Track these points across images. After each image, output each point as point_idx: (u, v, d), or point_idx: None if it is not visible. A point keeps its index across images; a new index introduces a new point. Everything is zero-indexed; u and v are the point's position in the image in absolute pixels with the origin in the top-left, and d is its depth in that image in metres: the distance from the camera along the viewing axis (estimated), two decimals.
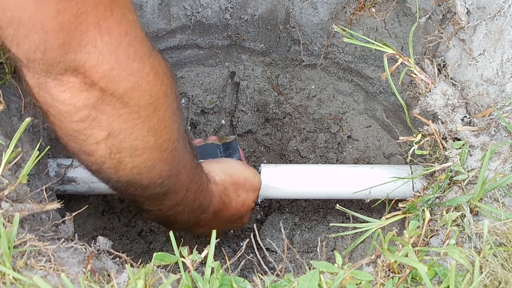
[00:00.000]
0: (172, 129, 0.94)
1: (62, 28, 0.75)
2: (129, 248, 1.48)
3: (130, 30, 0.81)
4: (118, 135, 0.88)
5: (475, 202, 0.97)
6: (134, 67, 0.82)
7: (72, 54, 0.79)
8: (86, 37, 0.78)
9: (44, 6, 0.73)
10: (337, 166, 1.46)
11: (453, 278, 0.83)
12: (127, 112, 0.86)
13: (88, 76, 0.80)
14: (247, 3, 1.44)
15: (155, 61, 0.86)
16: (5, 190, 0.93)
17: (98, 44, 0.79)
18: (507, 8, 1.09)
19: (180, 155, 0.99)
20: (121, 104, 0.84)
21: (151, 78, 0.85)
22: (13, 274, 0.82)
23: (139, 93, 0.84)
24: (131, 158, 0.91)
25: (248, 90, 1.57)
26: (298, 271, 1.09)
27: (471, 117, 1.12)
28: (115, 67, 0.81)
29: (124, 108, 0.85)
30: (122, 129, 0.87)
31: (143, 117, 0.87)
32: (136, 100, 0.85)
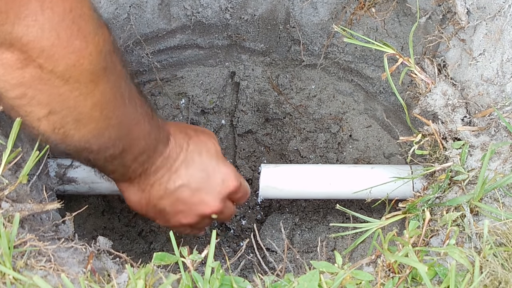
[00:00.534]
0: (117, 97, 0.92)
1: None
2: (129, 248, 1.48)
3: (75, 7, 0.79)
4: (59, 112, 0.86)
5: (475, 202, 0.97)
6: (76, 46, 0.80)
7: (8, 26, 0.75)
8: (26, 10, 0.74)
9: None
10: (337, 166, 1.47)
11: (453, 278, 0.83)
12: (68, 90, 0.84)
13: (25, 51, 0.77)
14: (247, 3, 1.44)
15: (100, 40, 0.83)
16: (5, 190, 0.93)
17: (39, 18, 0.75)
18: (507, 8, 1.09)
19: (130, 115, 0.97)
20: (61, 81, 0.82)
21: (93, 58, 0.83)
22: (13, 274, 0.82)
23: (79, 71, 0.82)
24: (76, 131, 0.90)
25: (248, 90, 1.57)
26: (298, 271, 1.09)
27: (471, 117, 1.12)
28: (55, 43, 0.78)
29: (65, 85, 0.83)
30: (63, 106, 0.86)
31: (85, 93, 0.85)
32: (77, 78, 0.83)
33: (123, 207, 1.49)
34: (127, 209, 1.50)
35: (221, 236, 1.53)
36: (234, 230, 1.54)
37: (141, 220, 1.51)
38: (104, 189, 1.29)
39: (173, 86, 1.55)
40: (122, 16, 1.31)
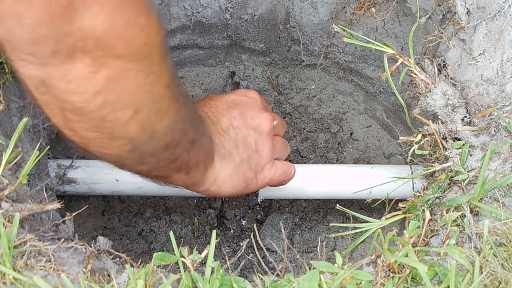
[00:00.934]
0: (175, 72, 0.87)
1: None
2: (129, 248, 1.48)
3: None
4: (144, 106, 0.81)
5: (475, 202, 0.97)
6: (143, 22, 0.74)
7: (78, 21, 0.68)
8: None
9: None
10: (337, 166, 1.47)
11: (453, 278, 0.83)
12: (144, 76, 0.78)
13: (99, 45, 0.71)
14: (247, 3, 1.44)
15: (155, 13, 0.78)
16: (5, 190, 0.93)
17: (104, 2, 0.69)
18: (507, 8, 1.09)
19: (183, 90, 0.93)
20: (138, 67, 0.76)
21: (158, 31, 0.77)
22: (13, 274, 0.82)
23: (150, 49, 0.77)
24: (161, 122, 0.84)
25: None
26: (298, 271, 1.09)
27: (471, 117, 1.12)
28: (125, 24, 0.72)
29: (141, 72, 0.77)
30: (144, 98, 0.80)
31: (158, 74, 0.80)
32: (150, 58, 0.77)
33: (123, 207, 1.49)
34: (127, 209, 1.50)
35: (221, 236, 1.53)
36: (234, 230, 1.54)
37: (141, 220, 1.51)
38: (104, 190, 1.29)
39: None
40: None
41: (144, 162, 0.90)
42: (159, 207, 1.52)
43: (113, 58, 0.74)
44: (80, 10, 0.68)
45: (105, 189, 1.29)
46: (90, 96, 0.76)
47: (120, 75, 0.76)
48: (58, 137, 1.38)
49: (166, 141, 0.88)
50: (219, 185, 1.06)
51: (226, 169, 1.06)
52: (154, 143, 0.87)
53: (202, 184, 1.04)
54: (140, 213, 1.51)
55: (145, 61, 0.77)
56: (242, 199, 1.55)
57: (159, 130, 0.85)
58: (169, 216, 1.52)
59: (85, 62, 0.72)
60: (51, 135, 1.28)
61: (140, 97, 0.80)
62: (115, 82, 0.76)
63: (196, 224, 1.53)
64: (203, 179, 1.04)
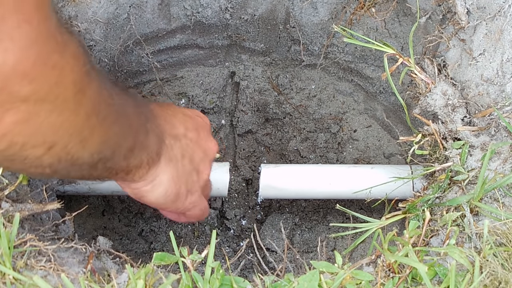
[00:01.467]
0: (104, 93, 0.82)
1: None
2: (129, 248, 1.48)
3: (49, 16, 0.67)
4: (59, 141, 0.76)
5: (475, 202, 0.97)
6: (55, 59, 0.69)
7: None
8: (2, 29, 0.62)
9: None
10: (337, 166, 1.47)
11: (453, 278, 0.83)
12: (58, 114, 0.73)
13: (4, 87, 0.65)
14: (247, 3, 1.44)
15: (75, 44, 0.73)
16: (5, 190, 0.93)
17: (16, 36, 0.63)
18: (507, 8, 1.09)
19: (121, 104, 0.89)
20: (49, 107, 0.71)
21: (74, 66, 0.72)
22: (13, 274, 0.82)
23: (64, 86, 0.72)
24: (84, 149, 0.80)
25: (248, 90, 1.57)
26: (298, 271, 1.09)
27: (471, 117, 1.12)
28: (36, 62, 0.66)
29: (54, 111, 0.72)
30: (60, 134, 0.75)
31: (76, 108, 0.75)
32: (63, 95, 0.72)
33: (123, 207, 1.49)
34: (127, 209, 1.50)
35: (221, 236, 1.53)
36: (234, 230, 1.54)
37: (141, 220, 1.51)
38: (104, 190, 1.29)
39: (173, 86, 1.55)
40: (122, 16, 1.31)
41: (72, 175, 0.88)
42: None
43: (20, 102, 0.68)
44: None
45: (105, 189, 1.29)
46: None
47: (28, 119, 0.70)
48: None
49: (93, 161, 0.85)
50: (154, 187, 1.02)
51: (167, 173, 1.02)
52: (79, 165, 0.83)
53: (137, 181, 1.00)
54: (140, 213, 1.51)
55: (57, 100, 0.72)
56: (242, 199, 1.55)
57: (82, 156, 0.81)
58: None
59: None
60: None
61: (53, 135, 0.75)
62: (23, 126, 0.71)
63: (196, 224, 1.53)
64: (142, 177, 0.99)
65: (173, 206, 1.08)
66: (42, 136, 0.73)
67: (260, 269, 1.32)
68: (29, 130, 0.71)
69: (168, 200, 1.05)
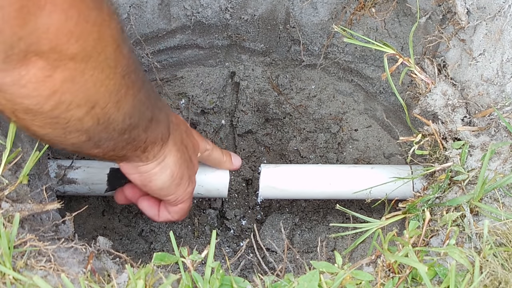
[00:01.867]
0: (134, 57, 0.85)
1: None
2: (129, 248, 1.48)
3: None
4: (100, 100, 0.79)
5: (475, 202, 0.97)
6: (94, 15, 0.72)
7: (32, 23, 0.66)
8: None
9: None
10: (337, 166, 1.47)
11: (453, 278, 0.83)
12: (100, 71, 0.76)
13: (53, 47, 0.69)
14: (247, 3, 1.44)
15: (107, 3, 0.75)
16: (5, 190, 0.93)
17: (56, 0, 0.67)
18: (507, 8, 1.09)
19: (143, 74, 0.92)
20: (93, 65, 0.74)
21: (111, 22, 0.75)
22: (13, 274, 0.82)
23: (105, 43, 0.75)
24: (119, 110, 0.84)
25: (248, 90, 1.57)
26: (298, 271, 1.09)
27: (471, 117, 1.12)
28: (79, 21, 0.69)
29: (97, 68, 0.75)
30: (101, 94, 0.79)
31: (114, 65, 0.78)
32: (105, 52, 0.76)
33: (123, 207, 1.49)
34: (127, 209, 1.50)
35: (221, 236, 1.53)
36: (234, 230, 1.54)
37: (141, 220, 1.51)
38: (104, 190, 1.29)
39: (173, 86, 1.55)
40: (122, 16, 1.31)
41: (100, 146, 0.89)
42: None
43: (68, 59, 0.72)
44: (33, 11, 0.65)
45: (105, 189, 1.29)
46: (43, 99, 0.74)
47: (75, 76, 0.74)
48: None
49: (124, 126, 0.88)
50: (162, 168, 1.04)
51: (173, 155, 1.05)
52: (111, 130, 0.86)
53: (150, 160, 1.02)
54: (140, 213, 1.51)
55: (100, 56, 0.75)
56: (242, 199, 1.56)
57: (117, 119, 0.85)
58: None
59: (39, 65, 0.70)
60: None
61: (95, 93, 0.78)
62: (71, 83, 0.74)
63: (196, 224, 1.53)
64: (156, 156, 1.02)
65: (176, 191, 1.11)
66: (86, 94, 0.77)
67: (260, 269, 1.32)
68: (75, 88, 0.75)
69: (173, 184, 1.08)
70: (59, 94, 0.74)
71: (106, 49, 0.76)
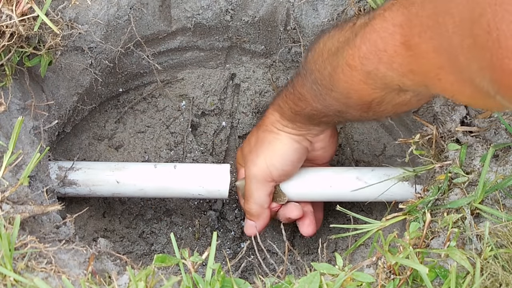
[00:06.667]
0: None
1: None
2: (130, 250, 1.48)
3: None
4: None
5: (476, 204, 0.97)
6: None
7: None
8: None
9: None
10: (338, 168, 1.46)
11: (454, 280, 0.83)
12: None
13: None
14: (247, 5, 1.44)
15: None
16: (6, 192, 0.93)
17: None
18: None
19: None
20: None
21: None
22: (14, 276, 0.82)
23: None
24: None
25: (249, 92, 1.57)
26: (299, 273, 1.09)
27: (471, 118, 1.12)
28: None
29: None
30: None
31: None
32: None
33: (123, 209, 1.49)
34: (127, 211, 1.50)
35: (221, 238, 1.53)
36: (234, 231, 1.54)
37: (141, 222, 1.51)
38: (105, 192, 1.30)
39: (173, 88, 1.55)
40: (123, 18, 1.31)
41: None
42: (159, 209, 1.52)
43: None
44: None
45: (105, 191, 1.29)
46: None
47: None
48: (58, 139, 1.39)
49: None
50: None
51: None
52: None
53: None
54: (140, 215, 1.51)
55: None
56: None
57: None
58: (170, 218, 1.52)
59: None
60: (52, 137, 1.28)
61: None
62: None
63: (197, 226, 1.53)
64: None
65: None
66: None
67: (261, 271, 1.32)
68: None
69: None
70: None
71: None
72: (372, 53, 0.86)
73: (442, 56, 0.74)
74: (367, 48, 0.87)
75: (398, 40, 0.81)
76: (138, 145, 1.51)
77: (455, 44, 0.70)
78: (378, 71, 0.87)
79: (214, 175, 1.32)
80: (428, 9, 0.74)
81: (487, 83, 0.68)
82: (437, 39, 0.73)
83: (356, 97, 0.96)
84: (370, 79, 0.90)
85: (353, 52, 0.90)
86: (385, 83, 0.88)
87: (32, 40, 1.11)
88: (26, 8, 1.04)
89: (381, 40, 0.84)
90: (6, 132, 1.07)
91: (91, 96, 1.37)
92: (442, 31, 0.72)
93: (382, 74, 0.87)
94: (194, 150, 1.54)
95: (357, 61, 0.90)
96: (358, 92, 0.94)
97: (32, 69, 1.18)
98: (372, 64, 0.87)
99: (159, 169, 1.32)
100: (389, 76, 0.86)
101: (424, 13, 0.75)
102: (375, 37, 0.86)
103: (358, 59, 0.89)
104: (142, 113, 1.52)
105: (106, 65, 1.33)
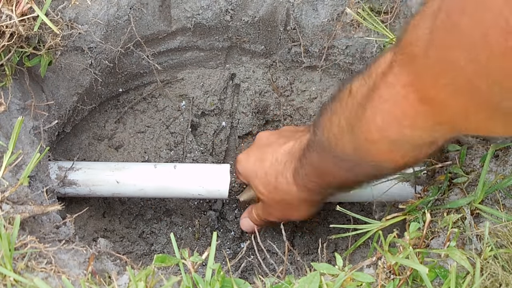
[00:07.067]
0: None
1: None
2: (130, 250, 1.48)
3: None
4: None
5: (476, 204, 0.97)
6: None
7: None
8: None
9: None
10: None
11: (453, 280, 0.83)
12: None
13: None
14: (247, 5, 1.44)
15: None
16: (6, 192, 0.93)
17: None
18: None
19: None
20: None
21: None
22: (14, 276, 0.82)
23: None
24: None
25: (248, 92, 1.57)
26: (299, 273, 1.09)
27: None
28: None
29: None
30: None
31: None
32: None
33: (123, 209, 1.49)
34: (127, 211, 1.50)
35: (221, 238, 1.53)
36: (234, 232, 1.54)
37: (141, 222, 1.51)
38: (105, 192, 1.30)
39: (173, 88, 1.55)
40: (123, 18, 1.31)
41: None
42: (159, 209, 1.52)
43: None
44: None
45: (105, 191, 1.29)
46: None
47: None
48: (58, 139, 1.39)
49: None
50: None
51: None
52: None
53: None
54: (140, 215, 1.51)
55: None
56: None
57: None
58: (169, 218, 1.52)
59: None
60: (52, 137, 1.28)
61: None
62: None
63: (197, 226, 1.53)
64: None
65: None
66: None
67: (261, 271, 1.32)
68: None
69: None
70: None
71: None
72: (391, 122, 0.84)
73: (463, 96, 0.72)
74: (383, 119, 0.85)
75: (415, 99, 0.79)
76: (138, 145, 1.51)
77: (471, 73, 0.68)
78: (404, 136, 0.84)
79: (214, 175, 1.32)
80: (433, 56, 0.72)
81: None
82: (452, 82, 0.71)
83: (389, 166, 0.93)
84: (397, 146, 0.87)
85: (369, 127, 0.88)
86: (415, 144, 0.86)
87: (32, 40, 1.11)
88: (26, 8, 1.04)
89: (397, 107, 0.82)
90: (6, 132, 1.07)
91: (91, 96, 1.37)
92: (454, 69, 0.69)
93: (409, 137, 0.84)
94: (194, 150, 1.54)
95: (376, 135, 0.87)
96: (388, 162, 0.92)
97: (32, 69, 1.18)
98: (394, 132, 0.85)
99: (159, 169, 1.32)
100: (416, 136, 0.84)
101: (430, 61, 0.73)
102: (388, 107, 0.84)
103: (376, 132, 0.87)
104: (142, 113, 1.53)
105: (106, 65, 1.33)
